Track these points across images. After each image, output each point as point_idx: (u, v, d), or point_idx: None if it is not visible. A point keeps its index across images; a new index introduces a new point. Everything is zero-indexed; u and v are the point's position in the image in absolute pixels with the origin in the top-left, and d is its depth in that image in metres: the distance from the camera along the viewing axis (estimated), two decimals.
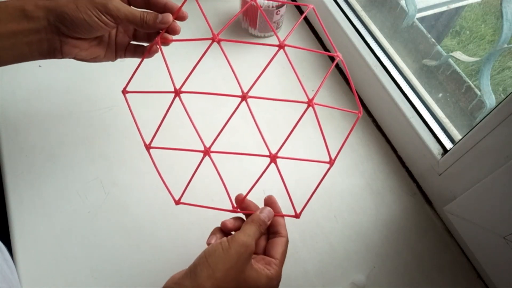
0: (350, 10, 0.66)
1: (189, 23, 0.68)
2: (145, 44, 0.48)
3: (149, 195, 0.53)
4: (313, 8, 0.43)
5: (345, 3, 0.66)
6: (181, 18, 0.44)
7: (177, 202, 0.43)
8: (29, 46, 0.40)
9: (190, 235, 0.51)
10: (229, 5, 0.72)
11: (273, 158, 0.40)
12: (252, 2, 0.42)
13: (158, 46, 0.43)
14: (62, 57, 0.42)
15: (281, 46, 0.40)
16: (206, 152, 0.41)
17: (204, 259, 0.36)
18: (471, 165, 0.47)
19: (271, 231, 0.42)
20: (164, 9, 0.43)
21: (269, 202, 0.43)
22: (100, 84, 0.61)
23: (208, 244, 0.40)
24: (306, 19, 0.73)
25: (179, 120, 0.47)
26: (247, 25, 0.68)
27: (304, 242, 0.52)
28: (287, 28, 0.71)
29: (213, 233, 0.42)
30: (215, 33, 0.41)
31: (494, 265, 0.46)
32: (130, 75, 0.43)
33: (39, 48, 0.40)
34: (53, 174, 0.53)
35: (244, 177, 0.53)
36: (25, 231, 0.49)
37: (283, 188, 0.40)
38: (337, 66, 0.68)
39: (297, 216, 0.41)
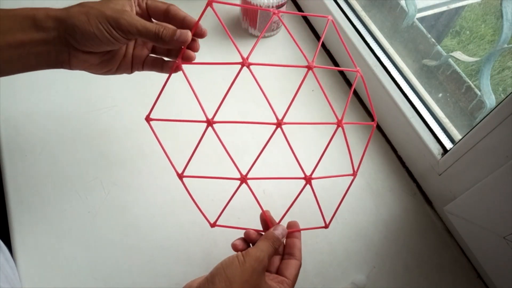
0: (350, 10, 0.66)
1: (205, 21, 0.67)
2: (165, 58, 0.45)
3: (149, 195, 0.53)
4: (332, 21, 0.41)
5: (345, 3, 0.66)
6: (200, 35, 0.41)
7: (213, 225, 0.44)
8: (37, 57, 0.38)
9: (190, 235, 0.51)
10: (229, 5, 0.72)
11: (308, 180, 0.41)
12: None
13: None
14: (70, 69, 0.40)
15: (309, 67, 0.39)
16: (243, 180, 0.41)
17: (221, 270, 0.37)
18: (471, 165, 0.47)
19: (286, 251, 0.43)
20: (183, 22, 0.40)
21: (292, 225, 0.44)
22: (100, 84, 0.61)
23: (234, 246, 0.42)
24: (305, 18, 0.73)
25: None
26: (247, 25, 0.68)
27: (304, 242, 0.52)
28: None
29: (238, 239, 0.43)
30: (244, 57, 0.39)
31: (494, 265, 0.46)
32: (154, 101, 0.40)
33: (47, 59, 0.38)
34: (53, 174, 0.53)
35: (261, 189, 0.54)
36: (25, 231, 0.49)
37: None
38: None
39: (326, 227, 0.43)
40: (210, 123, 0.38)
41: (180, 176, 0.41)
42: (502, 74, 0.57)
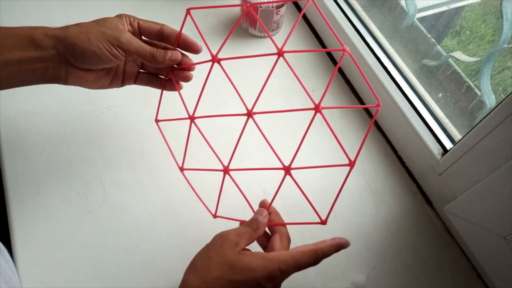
0: (350, 10, 0.66)
1: (189, 23, 0.68)
2: (161, 76, 0.49)
3: (149, 195, 0.53)
4: (312, 1, 0.43)
5: (345, 3, 0.66)
6: (195, 51, 0.44)
7: (215, 216, 0.47)
8: (33, 73, 0.40)
9: (190, 235, 0.51)
10: (232, 7, 0.72)
11: (287, 170, 0.40)
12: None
13: (187, 75, 0.46)
14: (65, 85, 0.42)
15: (279, 53, 0.39)
16: (226, 171, 0.44)
17: (190, 264, 0.38)
18: (471, 165, 0.47)
19: (271, 233, 0.42)
20: (182, 45, 0.44)
21: (263, 204, 0.43)
22: None
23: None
24: (305, 19, 0.73)
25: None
26: (247, 25, 0.68)
27: (304, 242, 0.52)
28: (288, 28, 0.71)
29: None
30: (213, 53, 0.42)
31: (494, 265, 0.46)
32: (157, 105, 0.48)
33: (43, 75, 0.40)
34: (53, 174, 0.53)
35: (261, 189, 0.54)
36: (25, 231, 0.49)
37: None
38: (333, 61, 0.68)
39: (323, 222, 0.40)
40: (192, 119, 0.44)
41: (181, 169, 0.47)
42: (502, 74, 0.57)
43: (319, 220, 0.40)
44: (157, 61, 0.42)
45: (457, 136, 0.54)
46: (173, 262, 0.49)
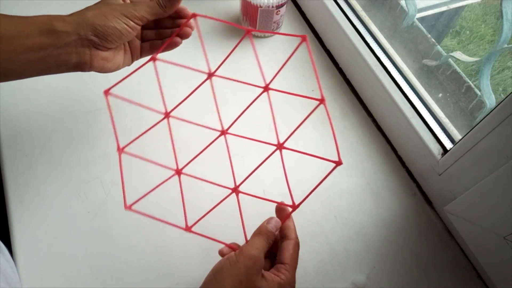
0: (350, 10, 0.66)
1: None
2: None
3: (149, 194, 0.53)
4: (306, 42, 0.42)
5: (345, 3, 0.66)
6: (185, 15, 0.47)
7: (188, 229, 0.44)
8: (56, 60, 0.40)
9: (190, 235, 0.51)
10: (229, 5, 0.72)
11: (279, 147, 0.40)
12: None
13: (176, 40, 0.47)
14: (90, 70, 0.43)
15: (266, 89, 0.41)
16: (235, 190, 0.43)
17: (212, 277, 0.36)
18: (471, 165, 0.47)
19: (280, 235, 0.41)
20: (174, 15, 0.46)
21: (279, 208, 0.43)
22: (100, 84, 0.60)
23: (220, 253, 0.40)
24: (305, 19, 0.73)
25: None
26: (247, 25, 0.68)
27: (304, 242, 0.51)
28: (287, 28, 0.71)
29: (225, 248, 0.42)
30: (211, 70, 0.44)
31: (494, 265, 0.46)
32: (122, 78, 0.45)
33: (66, 61, 0.41)
34: (53, 174, 0.53)
35: (261, 189, 0.54)
36: (25, 231, 0.49)
37: (283, 185, 0.40)
38: (333, 61, 0.68)
39: (293, 207, 0.40)
40: (167, 115, 0.45)
41: (120, 150, 0.46)
42: (502, 74, 0.57)
43: (291, 203, 0.41)
44: (171, 9, 0.44)
45: (457, 136, 0.54)
46: (172, 261, 0.49)
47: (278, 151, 0.41)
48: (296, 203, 0.40)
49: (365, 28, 0.64)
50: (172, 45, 0.48)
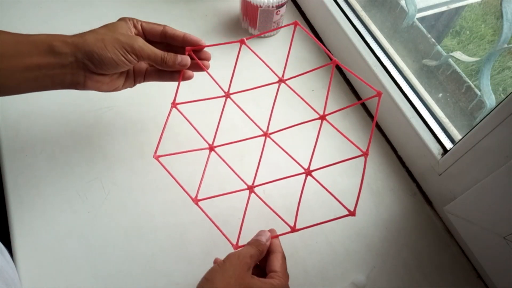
0: (350, 10, 0.66)
1: (189, 23, 0.68)
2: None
3: (149, 195, 0.53)
4: (298, 25, 0.46)
5: (345, 3, 0.66)
6: (201, 46, 0.47)
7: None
8: (52, 79, 0.41)
9: (190, 235, 0.51)
10: (229, 5, 0.72)
11: (308, 173, 0.44)
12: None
13: (189, 75, 0.48)
14: (83, 89, 0.44)
15: (280, 80, 0.44)
16: (251, 188, 0.45)
17: (204, 279, 0.38)
18: (471, 165, 0.47)
19: (267, 255, 0.43)
20: (184, 41, 0.46)
21: (272, 231, 0.44)
22: None
23: (214, 262, 0.42)
24: (305, 19, 0.73)
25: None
26: (247, 25, 0.68)
27: (304, 242, 0.52)
28: (287, 27, 0.71)
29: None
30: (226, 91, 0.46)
31: (494, 265, 0.46)
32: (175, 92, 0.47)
33: (61, 81, 0.42)
34: (53, 174, 0.53)
35: (261, 189, 0.53)
36: (25, 231, 0.49)
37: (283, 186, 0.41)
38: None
39: (352, 213, 0.42)
40: (211, 148, 0.45)
41: (196, 201, 0.45)
42: (502, 74, 0.57)
43: (346, 212, 0.43)
44: (168, 65, 0.44)
45: (457, 136, 0.54)
46: (173, 262, 0.49)
47: (304, 175, 0.44)
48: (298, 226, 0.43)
49: (365, 28, 0.64)
50: (186, 78, 0.48)
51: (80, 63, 0.41)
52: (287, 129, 0.45)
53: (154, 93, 0.60)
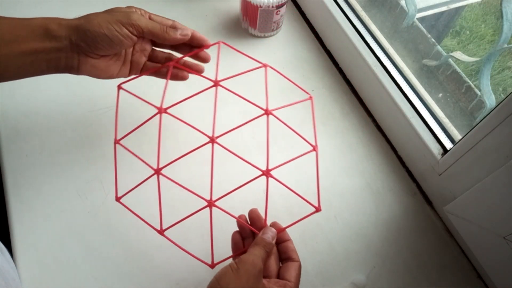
0: (350, 10, 0.66)
1: (189, 23, 0.68)
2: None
3: (149, 194, 0.53)
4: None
5: (345, 3, 0.66)
6: (205, 41, 0.47)
7: (161, 232, 0.45)
8: (47, 63, 0.41)
9: (190, 235, 0.51)
10: (229, 5, 0.72)
11: (266, 174, 0.42)
12: None
13: (183, 75, 0.48)
14: (77, 74, 0.43)
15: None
16: (210, 204, 0.43)
17: (216, 283, 0.37)
18: (471, 165, 0.47)
19: (283, 257, 0.43)
20: (192, 38, 0.45)
21: (254, 215, 0.43)
22: (100, 84, 0.61)
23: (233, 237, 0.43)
24: (305, 19, 0.73)
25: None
26: (247, 25, 0.68)
27: (304, 242, 0.52)
28: (287, 27, 0.71)
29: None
30: (217, 78, 0.44)
31: (494, 265, 0.46)
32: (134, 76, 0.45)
33: (56, 65, 0.41)
34: (53, 174, 0.53)
35: (261, 189, 0.53)
36: (25, 231, 0.49)
37: (285, 194, 0.41)
38: (333, 61, 0.68)
39: (318, 209, 0.42)
40: (161, 111, 0.44)
41: (157, 171, 0.44)
42: (502, 74, 0.57)
43: (313, 210, 0.42)
44: (169, 35, 0.43)
45: (457, 136, 0.54)
46: (173, 262, 0.49)
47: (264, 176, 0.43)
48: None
49: (365, 28, 0.64)
50: (179, 78, 0.48)
51: (74, 46, 0.40)
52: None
53: (153, 93, 0.60)
